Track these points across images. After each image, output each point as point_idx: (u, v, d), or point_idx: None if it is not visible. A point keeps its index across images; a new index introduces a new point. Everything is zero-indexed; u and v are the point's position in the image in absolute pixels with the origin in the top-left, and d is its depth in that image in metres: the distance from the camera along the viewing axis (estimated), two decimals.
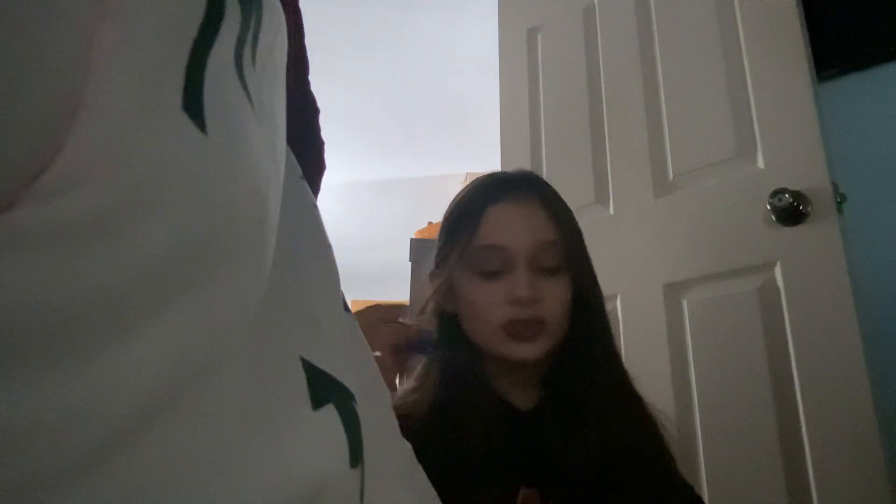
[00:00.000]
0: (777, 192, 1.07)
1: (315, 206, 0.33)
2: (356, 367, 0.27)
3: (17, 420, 0.13)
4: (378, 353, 0.77)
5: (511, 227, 0.75)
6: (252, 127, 0.21)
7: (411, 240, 2.04)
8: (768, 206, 1.08)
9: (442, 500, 0.34)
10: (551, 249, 0.74)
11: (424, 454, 0.35)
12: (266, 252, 0.21)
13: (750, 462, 1.04)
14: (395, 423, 0.31)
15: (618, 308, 1.27)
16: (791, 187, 1.07)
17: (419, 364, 0.79)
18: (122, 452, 0.15)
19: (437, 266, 0.81)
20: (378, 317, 0.80)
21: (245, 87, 0.21)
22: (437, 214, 0.81)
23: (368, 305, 0.82)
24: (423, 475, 0.31)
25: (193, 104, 0.17)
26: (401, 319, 0.81)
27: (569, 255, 0.76)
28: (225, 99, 0.19)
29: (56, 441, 0.14)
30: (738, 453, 1.06)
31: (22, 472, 0.13)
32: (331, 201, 3.65)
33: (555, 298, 0.73)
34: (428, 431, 0.35)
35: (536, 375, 0.76)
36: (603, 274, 0.79)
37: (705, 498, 1.01)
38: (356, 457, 0.23)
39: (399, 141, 3.30)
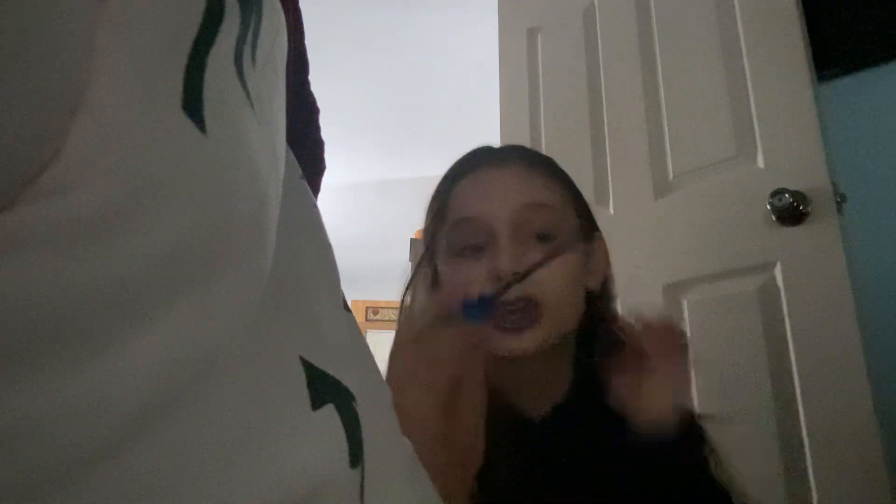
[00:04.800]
0: (777, 192, 1.07)
1: (315, 206, 0.33)
2: (356, 367, 0.27)
3: (19, 419, 0.13)
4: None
5: (485, 194, 0.61)
6: (252, 127, 0.21)
7: (411, 240, 2.04)
8: (768, 206, 1.08)
9: None
10: (542, 213, 0.60)
11: None
12: (265, 252, 0.21)
13: (750, 462, 1.04)
14: (396, 422, 0.31)
15: (618, 308, 1.27)
16: (791, 187, 1.07)
17: None
18: (122, 452, 0.15)
19: (426, 261, 0.69)
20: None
21: (245, 86, 0.21)
22: None
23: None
24: (425, 474, 0.31)
25: (193, 104, 0.17)
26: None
27: (567, 218, 0.63)
28: (224, 99, 0.19)
29: (56, 441, 0.14)
30: (738, 453, 1.06)
31: (23, 472, 0.13)
32: (331, 201, 3.65)
33: (552, 273, 0.57)
34: None
35: (558, 371, 0.63)
36: None
37: None
38: (356, 457, 0.23)
39: (399, 141, 3.30)
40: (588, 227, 0.67)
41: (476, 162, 0.66)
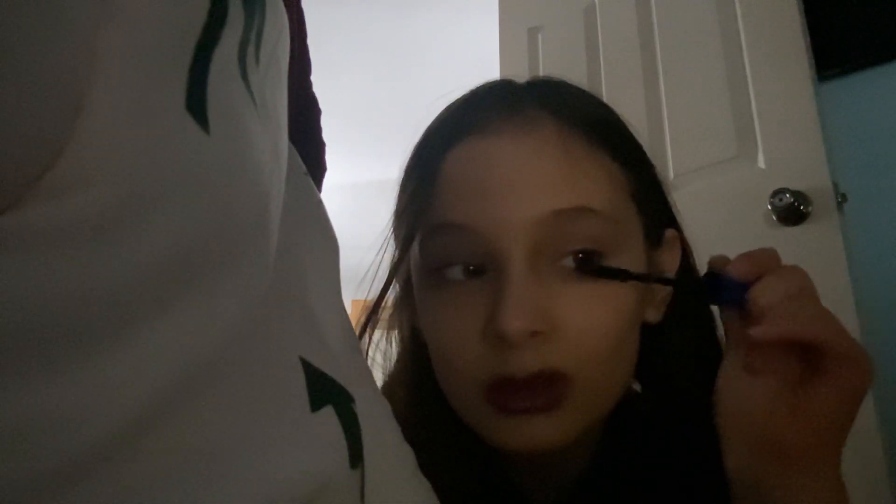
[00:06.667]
0: (778, 192, 1.07)
1: (320, 203, 0.33)
2: (355, 370, 0.27)
3: (16, 420, 0.13)
4: None
5: (489, 183, 0.37)
6: (255, 127, 0.21)
7: None
8: (769, 206, 1.08)
9: None
10: (584, 223, 0.36)
11: None
12: (267, 253, 0.21)
13: None
14: (397, 427, 0.30)
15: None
16: (792, 187, 1.07)
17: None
18: (122, 454, 0.15)
19: (396, 250, 0.46)
20: None
21: (248, 86, 0.21)
22: None
23: None
24: (427, 483, 0.30)
25: (197, 104, 0.17)
26: None
27: (626, 222, 0.39)
28: (228, 99, 0.19)
29: (55, 443, 0.14)
30: None
31: (20, 473, 0.13)
32: (331, 201, 3.64)
33: (592, 325, 0.36)
34: None
35: (582, 447, 0.42)
36: None
37: None
38: (356, 458, 0.23)
39: (399, 141, 3.30)
40: (655, 226, 0.44)
41: (479, 116, 0.40)
